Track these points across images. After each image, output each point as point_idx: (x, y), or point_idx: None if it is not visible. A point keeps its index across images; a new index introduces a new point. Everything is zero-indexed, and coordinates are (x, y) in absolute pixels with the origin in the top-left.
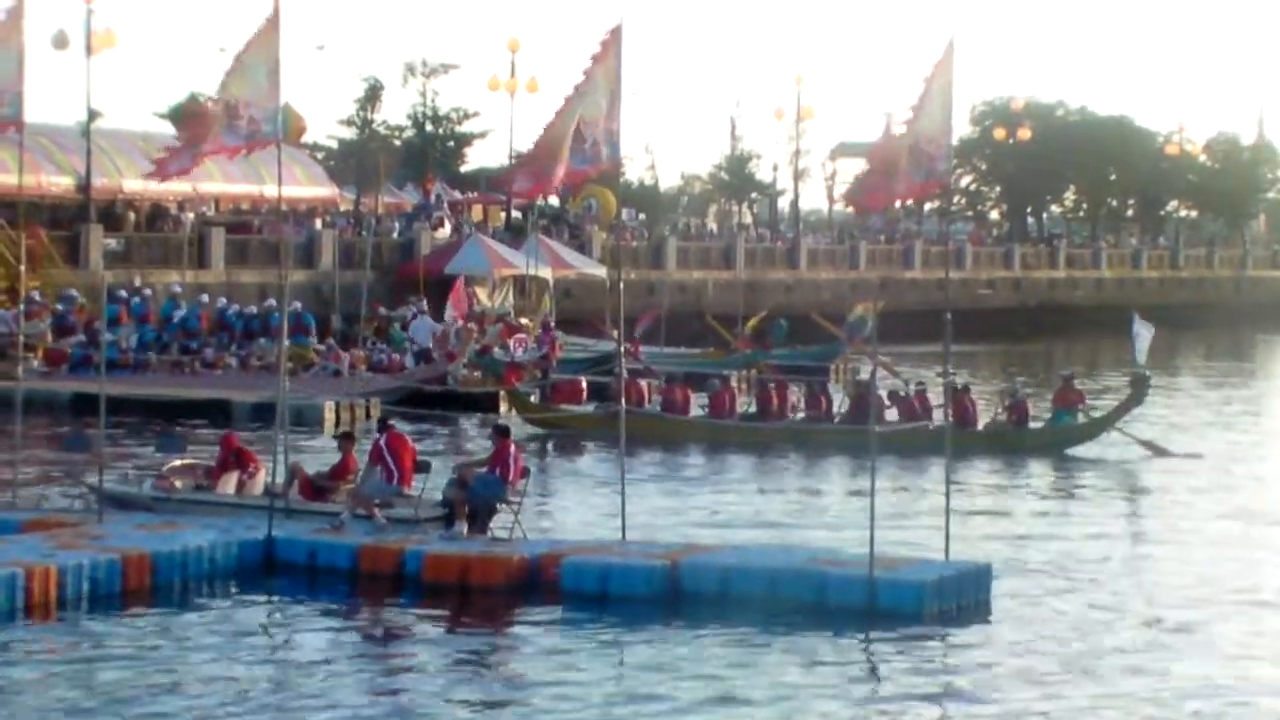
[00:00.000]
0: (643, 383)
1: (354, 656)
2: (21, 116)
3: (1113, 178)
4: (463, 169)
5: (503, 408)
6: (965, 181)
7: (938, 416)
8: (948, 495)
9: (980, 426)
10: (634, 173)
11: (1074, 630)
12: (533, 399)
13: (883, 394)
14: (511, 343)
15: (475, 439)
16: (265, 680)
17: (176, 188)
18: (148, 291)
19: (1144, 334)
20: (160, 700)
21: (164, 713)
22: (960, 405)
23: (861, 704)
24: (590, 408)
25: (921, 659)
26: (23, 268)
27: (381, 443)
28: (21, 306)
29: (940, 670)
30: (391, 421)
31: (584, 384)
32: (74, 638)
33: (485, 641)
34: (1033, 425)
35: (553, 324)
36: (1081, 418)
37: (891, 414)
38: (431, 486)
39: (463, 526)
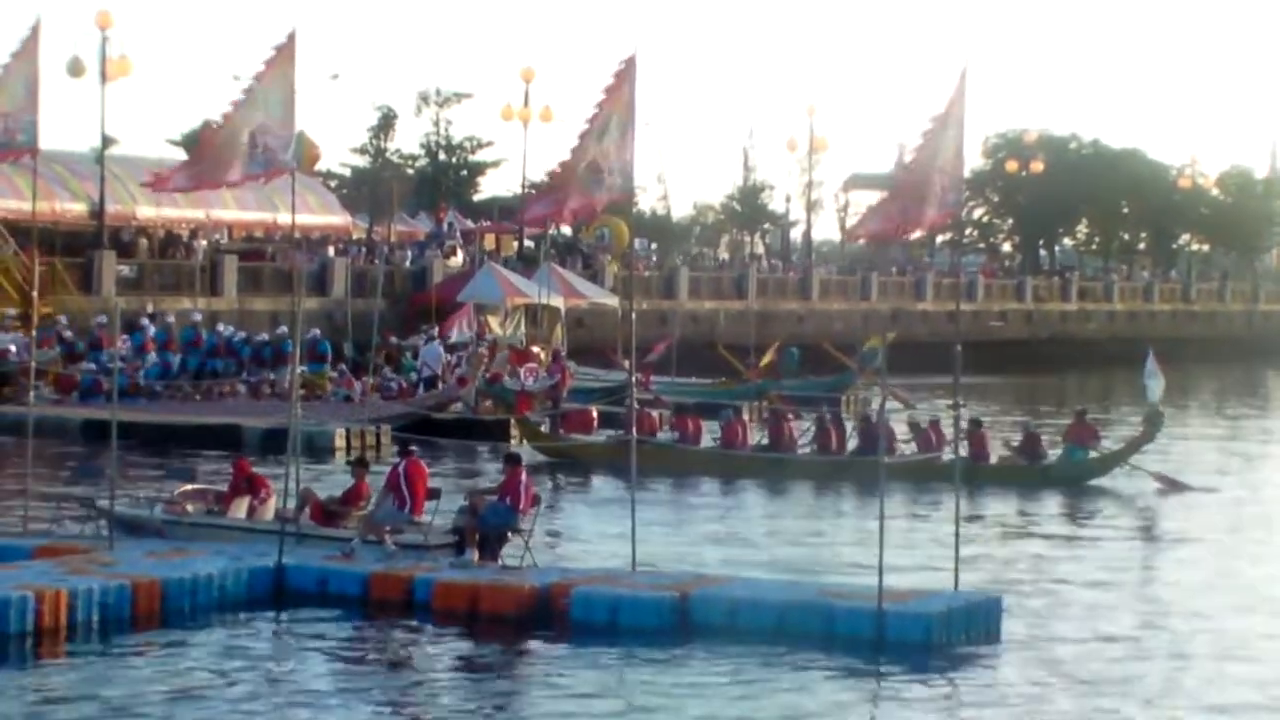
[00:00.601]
0: (654, 413)
1: (363, 684)
2: (36, 143)
3: (1125, 210)
4: (476, 198)
5: (514, 436)
6: (977, 213)
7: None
8: (957, 527)
9: (993, 460)
10: (646, 203)
11: (1083, 664)
12: (543, 428)
13: (900, 426)
14: (522, 372)
15: (486, 467)
16: (274, 707)
17: (190, 214)
18: (170, 319)
19: (1156, 377)
20: None
21: None
22: (974, 439)
23: None
24: (601, 437)
25: (929, 691)
26: (35, 294)
27: (400, 469)
28: (35, 333)
29: (948, 703)
30: (413, 448)
31: (594, 413)
32: (83, 663)
33: (494, 670)
34: (1046, 459)
35: (563, 353)
36: (1094, 453)
37: (910, 447)
38: (442, 514)
39: (473, 554)
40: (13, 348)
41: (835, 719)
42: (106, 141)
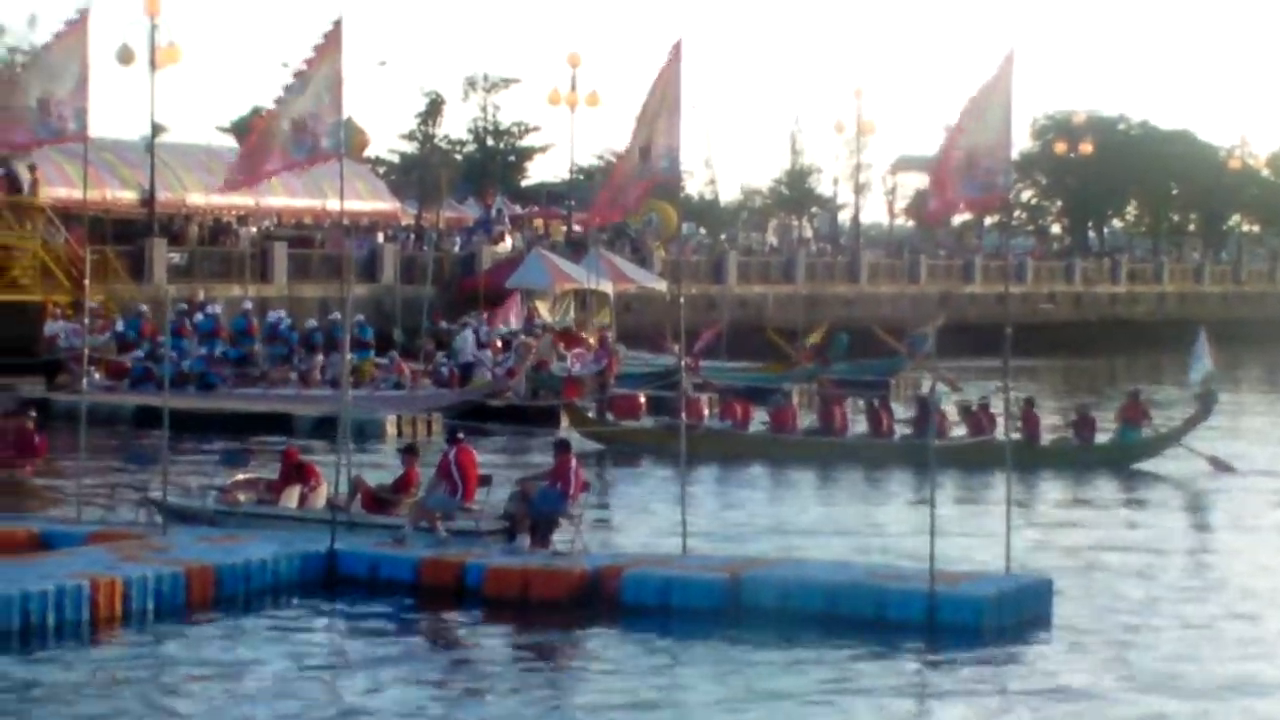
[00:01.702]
0: (702, 397)
1: (415, 669)
2: (86, 131)
3: (1175, 192)
4: (523, 183)
5: (562, 422)
6: (1026, 196)
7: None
8: (1009, 509)
9: (1045, 442)
10: (694, 187)
11: (1135, 647)
12: (590, 414)
13: (950, 409)
14: (570, 357)
15: (536, 453)
16: (327, 693)
17: (239, 201)
18: (217, 307)
19: (1203, 358)
20: (224, 713)
21: None
22: (1027, 420)
23: (916, 717)
24: (649, 422)
25: (980, 674)
26: (87, 281)
27: (450, 456)
28: (87, 319)
29: (999, 686)
30: (461, 435)
31: (642, 399)
32: (139, 650)
33: (546, 654)
34: (1098, 441)
35: (611, 339)
36: (1147, 433)
37: (961, 429)
38: (493, 500)
39: (524, 540)
40: (62, 335)
41: (886, 702)
42: (156, 129)
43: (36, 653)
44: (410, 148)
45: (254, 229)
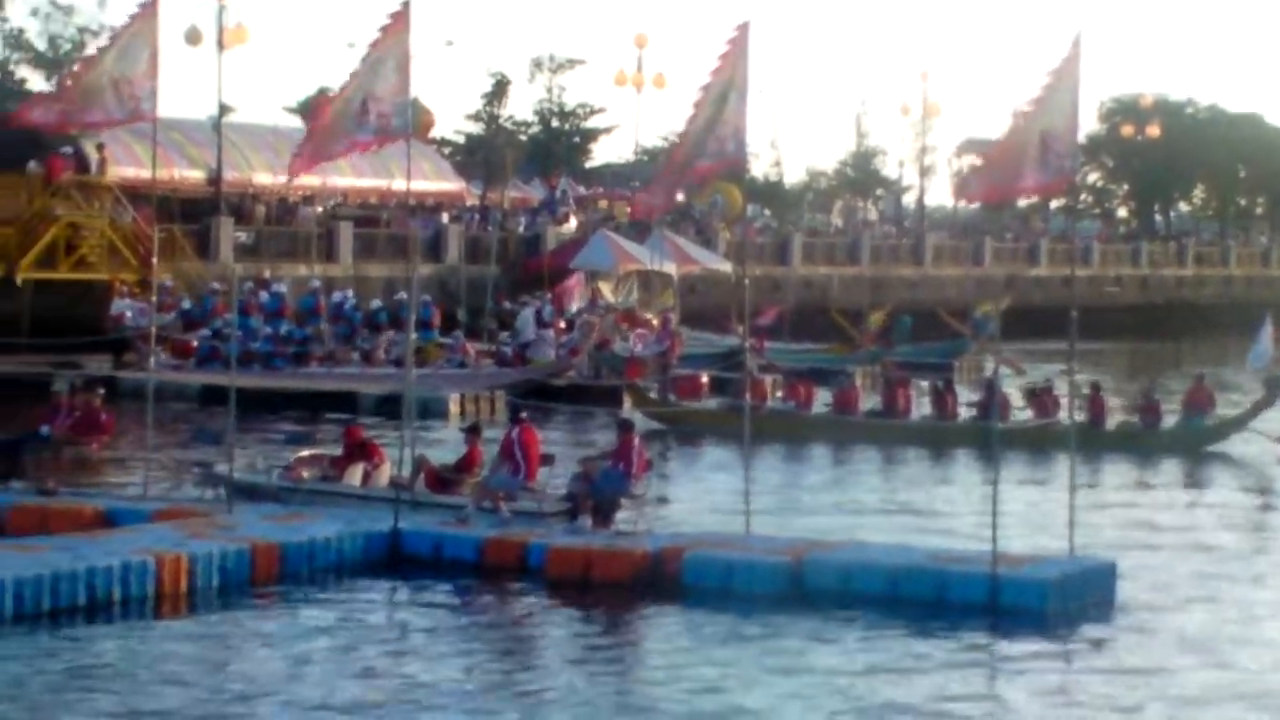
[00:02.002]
0: (766, 378)
1: (477, 649)
2: (155, 111)
3: (1242, 175)
4: (588, 164)
5: (625, 403)
6: (1092, 179)
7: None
8: (1072, 491)
9: (1111, 426)
10: (759, 169)
11: (1199, 632)
12: (653, 394)
13: (1013, 392)
14: (632, 338)
15: (598, 433)
16: (389, 670)
17: (305, 181)
18: (283, 286)
19: (1266, 343)
20: (289, 689)
21: (293, 701)
22: (1093, 404)
23: (980, 702)
24: (711, 403)
25: (1043, 656)
26: (155, 260)
27: (513, 436)
28: (155, 298)
29: (1062, 669)
30: (524, 414)
31: (704, 379)
32: (203, 626)
33: (607, 633)
34: (1164, 425)
35: (673, 320)
36: (1212, 418)
37: (1024, 412)
38: (555, 480)
39: (586, 520)
40: (129, 314)
41: (948, 685)
42: (223, 109)
43: (101, 627)
44: (476, 128)
45: (319, 208)
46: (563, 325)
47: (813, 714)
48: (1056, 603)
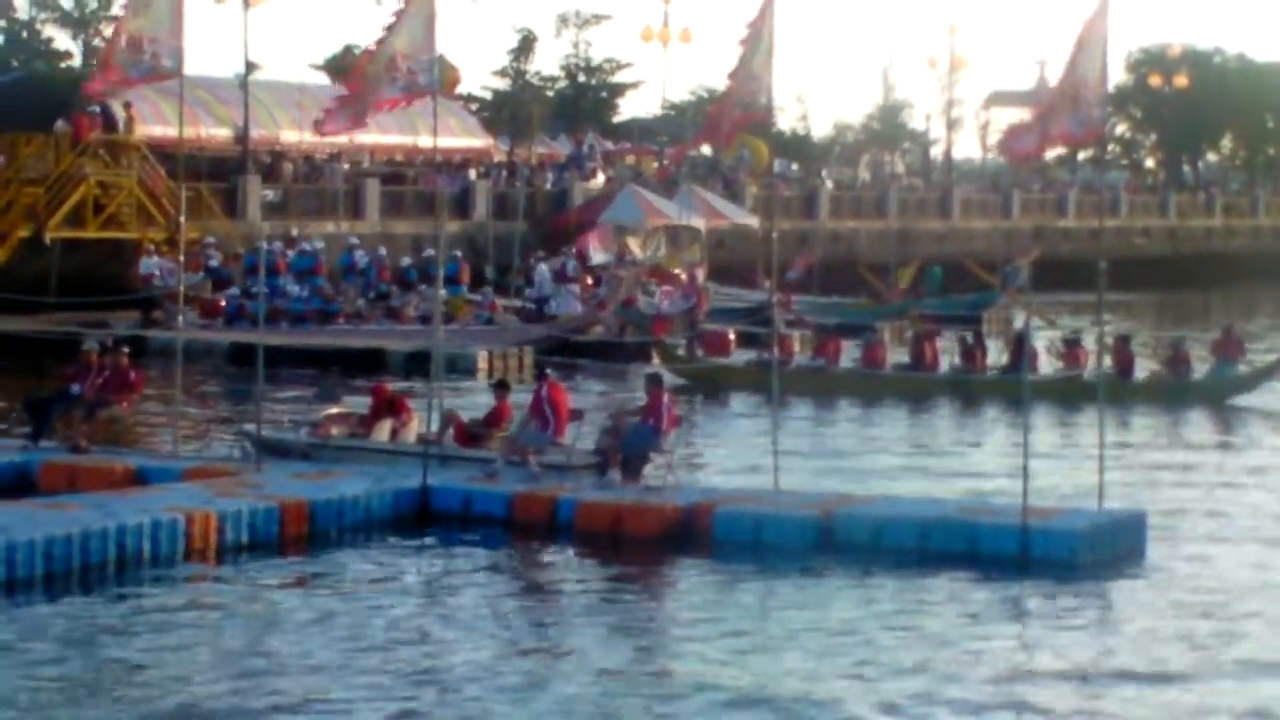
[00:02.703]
0: (794, 334)
1: (508, 604)
2: (181, 69)
3: (1270, 125)
4: (615, 119)
5: (653, 359)
6: (1120, 129)
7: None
8: (1101, 443)
9: (1140, 377)
10: (786, 122)
11: (1228, 583)
12: (680, 351)
13: (1041, 344)
14: (658, 294)
15: (627, 388)
16: (418, 626)
17: (332, 139)
18: (319, 244)
19: None
20: (320, 646)
21: (322, 663)
22: (1121, 355)
23: (1012, 653)
24: (739, 359)
25: (1074, 608)
26: (183, 219)
27: (542, 393)
28: (181, 256)
29: (1093, 620)
30: (549, 371)
31: (731, 335)
32: (232, 583)
33: (637, 590)
34: (1193, 376)
35: (700, 276)
36: (1242, 368)
37: (1053, 365)
38: (584, 435)
39: (616, 475)
40: (157, 272)
41: (980, 636)
42: (250, 67)
43: (131, 584)
44: (503, 84)
45: (346, 165)
46: (589, 281)
47: (842, 667)
48: (1087, 554)
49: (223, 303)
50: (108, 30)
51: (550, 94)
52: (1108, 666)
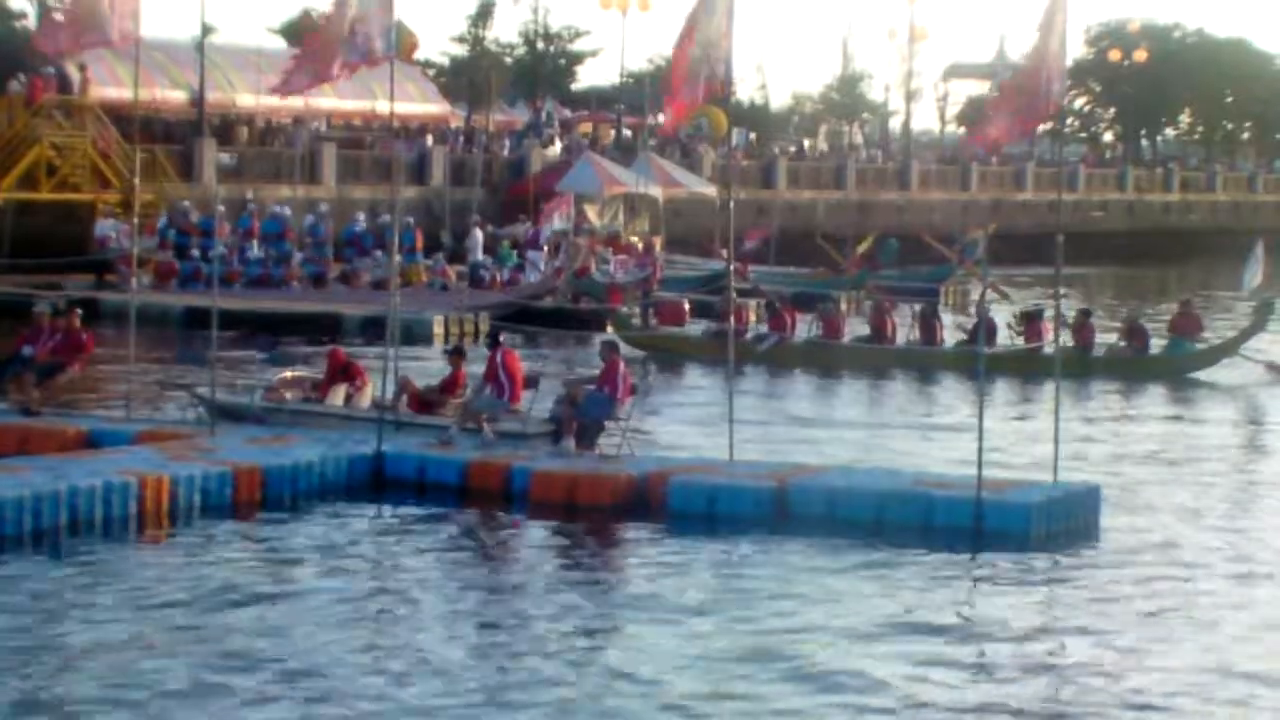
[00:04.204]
0: (749, 303)
1: (461, 572)
2: (137, 31)
3: (1229, 100)
4: (573, 87)
5: (608, 328)
6: (1079, 103)
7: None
8: (1056, 417)
9: (1099, 352)
10: (744, 92)
11: (1183, 557)
12: (635, 320)
13: (999, 318)
14: (612, 264)
15: (582, 356)
16: (372, 593)
17: (289, 103)
18: (286, 210)
19: (1256, 264)
20: (271, 611)
21: (275, 625)
22: (1082, 330)
23: (962, 622)
24: (695, 329)
25: (1027, 580)
26: (137, 181)
27: (497, 360)
28: (136, 220)
29: (1046, 593)
30: (502, 339)
31: (686, 305)
32: (185, 548)
33: (591, 558)
34: (1152, 351)
35: (657, 245)
36: (1201, 344)
37: (1018, 340)
38: (540, 403)
39: (571, 443)
40: (113, 235)
41: (933, 608)
42: (206, 29)
43: (83, 548)
44: (461, 50)
45: (314, 126)
46: (545, 248)
47: (797, 633)
48: (1040, 526)
49: (175, 266)
50: None
51: (508, 61)
52: (1057, 635)
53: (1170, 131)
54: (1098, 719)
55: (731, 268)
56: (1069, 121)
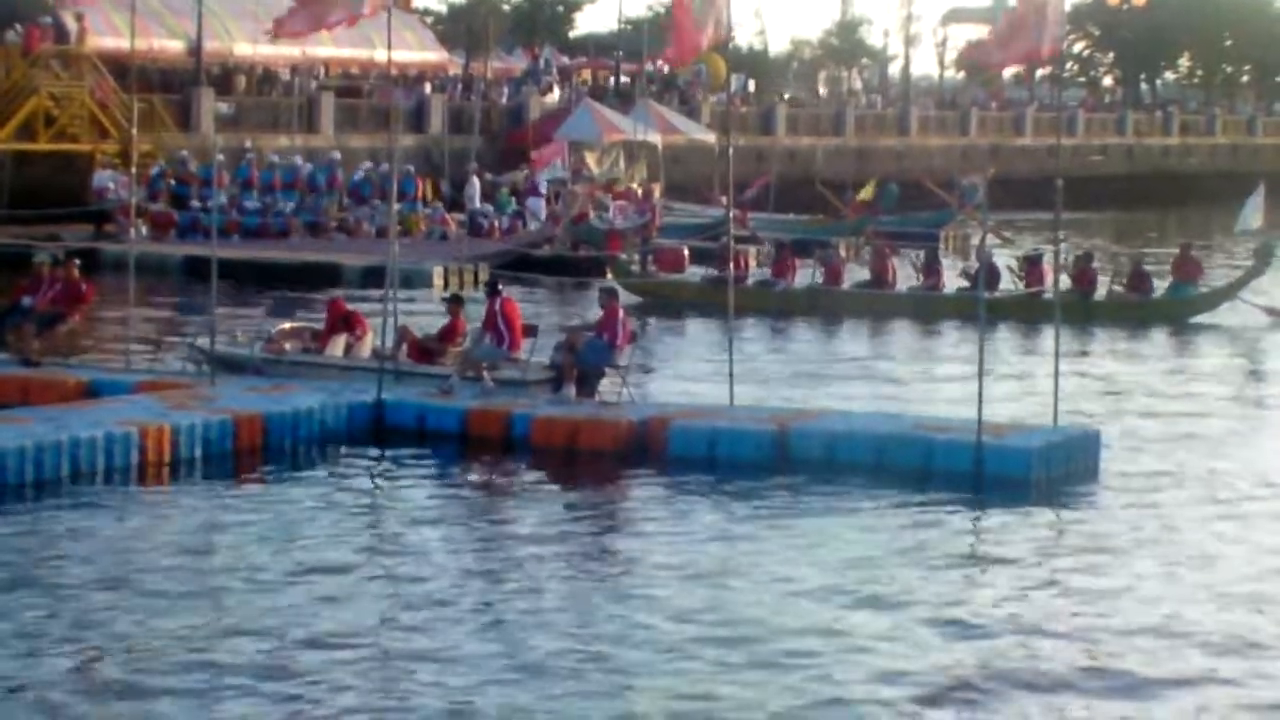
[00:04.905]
0: (749, 250)
1: (462, 519)
2: None
3: (1228, 43)
4: (571, 34)
5: (609, 275)
6: (1078, 48)
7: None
8: (1056, 360)
9: (1100, 296)
10: (743, 38)
11: (1183, 500)
12: (634, 268)
13: (1001, 262)
14: (611, 210)
15: (581, 303)
16: (374, 541)
17: (287, 52)
18: (297, 160)
19: (1255, 207)
20: (270, 560)
21: (274, 572)
22: (1083, 274)
23: (962, 567)
24: (695, 276)
25: (1026, 523)
26: (134, 131)
27: (495, 308)
28: (134, 170)
29: (1046, 536)
30: (500, 287)
31: (686, 252)
32: (186, 496)
33: (593, 504)
34: (1154, 295)
35: (656, 192)
36: (1201, 288)
37: (1012, 285)
38: (539, 350)
39: (571, 390)
40: (111, 185)
41: (933, 552)
42: None
43: (84, 498)
44: None
45: (300, 79)
46: (546, 196)
47: (798, 574)
48: (1040, 470)
49: (175, 217)
50: None
51: (506, 8)
52: (1053, 578)
53: (1169, 75)
54: (1093, 648)
55: (731, 215)
56: (1068, 66)
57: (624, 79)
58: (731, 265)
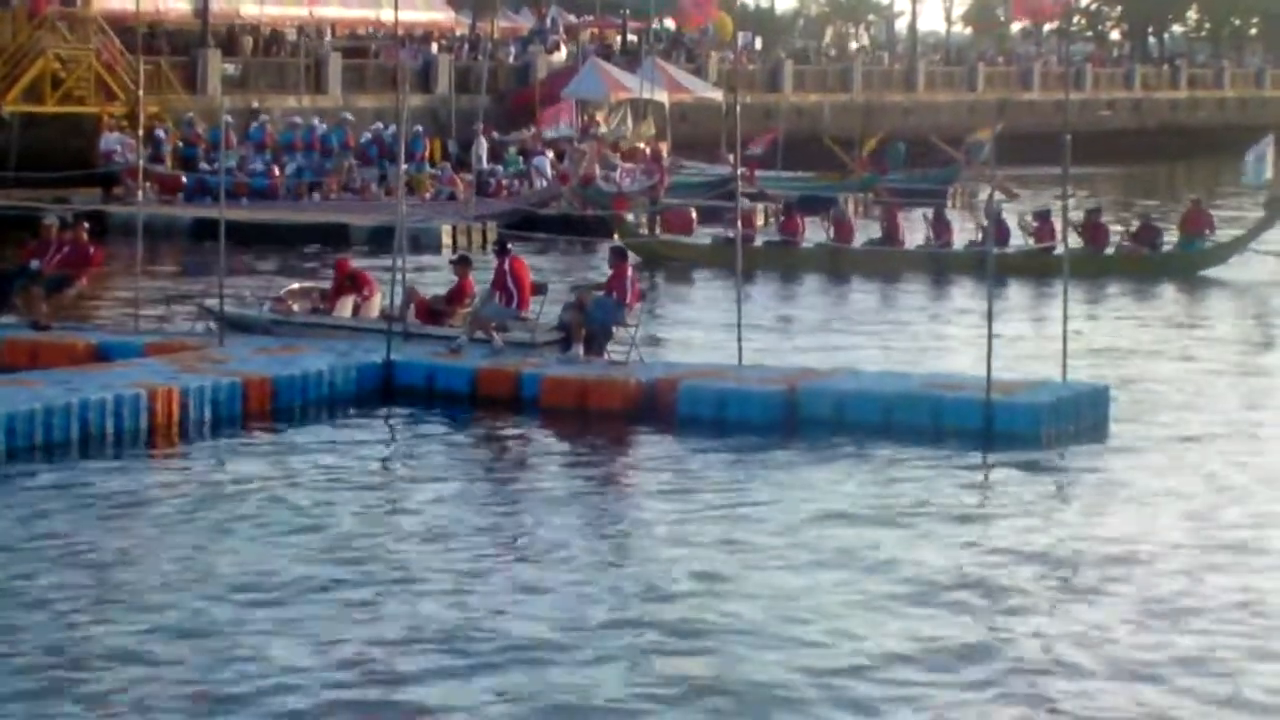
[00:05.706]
0: (757, 208)
1: (472, 479)
2: None
3: None
4: None
5: (617, 236)
6: (1085, 2)
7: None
8: (1065, 316)
9: (1110, 250)
10: None
11: (1192, 456)
12: (641, 230)
13: (1009, 219)
14: (618, 172)
15: (591, 263)
16: (384, 502)
17: (293, 12)
18: (315, 120)
19: (1263, 160)
20: (283, 520)
21: (285, 533)
22: (1093, 229)
23: (972, 524)
24: (705, 238)
25: (1036, 480)
26: (141, 92)
27: (504, 268)
28: (141, 132)
29: (1056, 493)
30: (509, 246)
31: (693, 214)
32: (196, 458)
33: (601, 464)
34: (1163, 249)
35: (664, 151)
36: (1211, 242)
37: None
38: (548, 310)
39: (579, 350)
40: (118, 148)
41: (943, 510)
42: None
43: (94, 461)
44: None
45: (307, 40)
46: (551, 154)
47: (808, 535)
48: (1050, 427)
49: (181, 179)
50: None
51: None
52: (1062, 535)
53: (1177, 28)
54: (1099, 596)
55: (739, 172)
56: (1076, 20)
57: (631, 37)
58: (739, 224)
